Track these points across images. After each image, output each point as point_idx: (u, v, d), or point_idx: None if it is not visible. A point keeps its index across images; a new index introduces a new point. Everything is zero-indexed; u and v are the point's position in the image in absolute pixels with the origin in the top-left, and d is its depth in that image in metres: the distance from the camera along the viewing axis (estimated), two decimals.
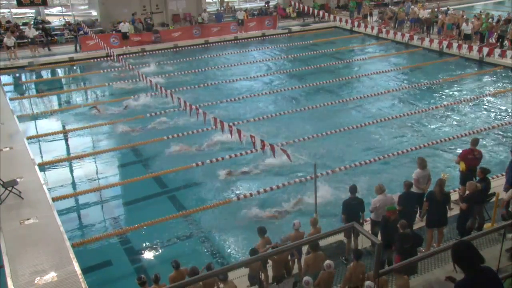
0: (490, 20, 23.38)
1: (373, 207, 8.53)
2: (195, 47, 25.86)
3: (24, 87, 20.26)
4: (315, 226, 8.17)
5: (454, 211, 9.45)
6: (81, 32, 24.94)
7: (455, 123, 15.46)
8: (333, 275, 7.14)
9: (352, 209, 8.62)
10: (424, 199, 8.86)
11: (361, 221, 8.76)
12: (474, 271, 3.96)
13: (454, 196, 9.99)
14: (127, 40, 24.69)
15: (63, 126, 15.91)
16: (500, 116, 15.80)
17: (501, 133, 14.51)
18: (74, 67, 22.61)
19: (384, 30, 26.49)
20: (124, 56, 22.90)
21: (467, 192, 8.78)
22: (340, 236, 8.85)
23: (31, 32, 23.86)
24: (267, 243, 7.96)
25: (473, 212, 8.83)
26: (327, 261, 7.05)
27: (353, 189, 8.75)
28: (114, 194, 11.91)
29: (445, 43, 22.98)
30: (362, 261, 7.20)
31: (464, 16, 24.55)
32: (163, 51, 25.02)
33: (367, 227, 8.92)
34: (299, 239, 7.74)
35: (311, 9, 29.80)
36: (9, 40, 22.19)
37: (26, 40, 23.77)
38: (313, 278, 6.99)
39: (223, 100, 17.81)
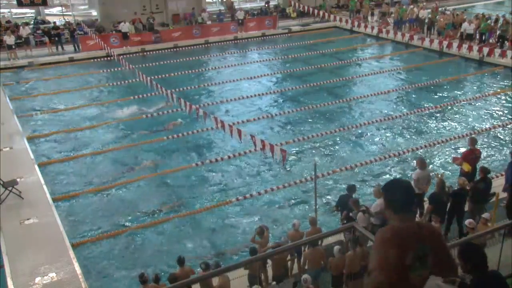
0: (488, 21, 23.37)
1: (374, 212, 8.28)
2: (195, 47, 25.85)
3: (24, 87, 20.24)
4: (314, 225, 8.17)
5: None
6: (80, 32, 24.91)
7: (455, 123, 15.44)
8: (344, 259, 7.25)
9: (346, 206, 8.60)
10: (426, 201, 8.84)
11: None
12: (482, 274, 3.93)
13: None
14: (127, 40, 24.67)
15: (63, 126, 15.87)
16: (500, 116, 15.79)
17: (501, 133, 14.51)
18: (75, 67, 22.58)
19: (384, 30, 26.48)
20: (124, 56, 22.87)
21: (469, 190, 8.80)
22: (340, 236, 8.84)
23: (25, 31, 23.87)
24: (266, 242, 7.97)
25: (474, 212, 8.83)
26: (336, 247, 7.45)
27: (351, 189, 8.74)
28: (114, 194, 11.89)
29: (445, 43, 22.96)
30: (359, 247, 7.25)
31: (465, 16, 24.51)
32: (163, 51, 25.01)
33: None
34: (298, 238, 7.75)
35: (311, 9, 29.74)
36: (9, 38, 22.18)
37: (20, 41, 23.69)
38: (313, 277, 7.00)
39: (223, 100, 17.81)
